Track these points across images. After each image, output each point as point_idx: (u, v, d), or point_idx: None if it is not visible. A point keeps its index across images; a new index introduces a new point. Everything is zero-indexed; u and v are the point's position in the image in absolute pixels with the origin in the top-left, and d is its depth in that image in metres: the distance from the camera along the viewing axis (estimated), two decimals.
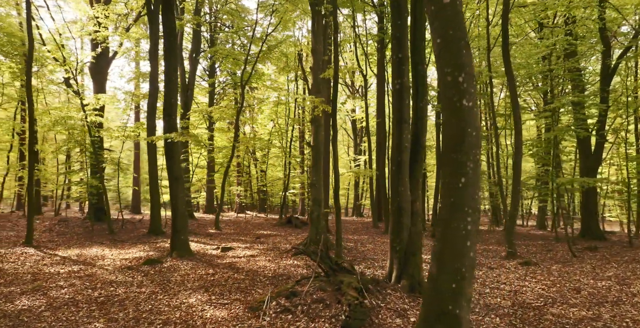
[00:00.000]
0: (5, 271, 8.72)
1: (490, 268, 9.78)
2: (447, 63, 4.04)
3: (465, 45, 4.03)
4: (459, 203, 3.92)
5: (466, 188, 3.92)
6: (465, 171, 3.92)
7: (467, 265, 3.87)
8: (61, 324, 5.52)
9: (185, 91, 22.23)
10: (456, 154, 3.96)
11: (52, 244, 12.73)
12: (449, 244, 3.92)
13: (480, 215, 4.09)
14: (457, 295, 3.83)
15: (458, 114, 3.97)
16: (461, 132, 3.96)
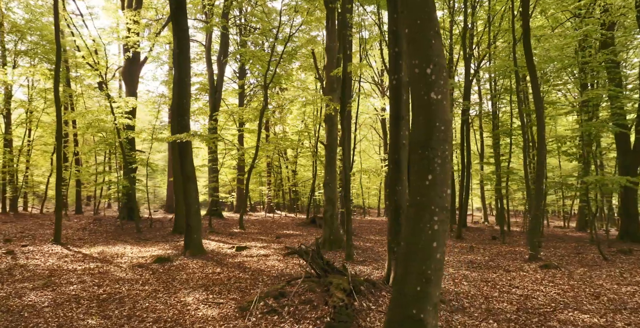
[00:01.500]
0: (26, 267, 9.14)
1: (507, 270, 9.32)
2: (414, 54, 3.83)
3: (434, 35, 3.81)
4: (425, 202, 3.70)
5: (433, 186, 3.70)
6: (433, 168, 3.70)
7: (434, 268, 3.64)
8: (57, 320, 5.69)
9: (213, 93, 22.67)
10: (423, 149, 3.74)
11: (80, 242, 13.26)
12: (415, 245, 3.71)
13: (449, 215, 3.85)
14: (421, 299, 3.62)
15: (426, 108, 3.76)
16: (429, 127, 3.74)
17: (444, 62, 3.84)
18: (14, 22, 24.76)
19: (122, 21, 18.89)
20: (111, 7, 24.97)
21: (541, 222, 10.79)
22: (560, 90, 20.81)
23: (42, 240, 13.23)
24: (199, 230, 10.71)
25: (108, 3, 25.72)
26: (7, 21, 24.59)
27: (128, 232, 15.84)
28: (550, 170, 26.54)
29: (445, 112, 3.76)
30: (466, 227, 20.45)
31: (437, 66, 3.77)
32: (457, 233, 16.13)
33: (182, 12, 10.60)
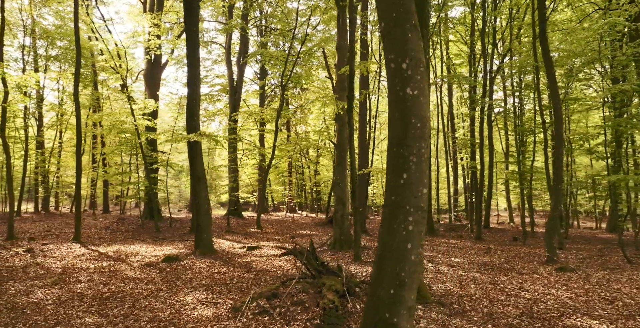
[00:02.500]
0: (41, 265, 9.42)
1: (520, 273, 8.98)
2: (390, 49, 3.69)
3: (411, 28, 3.66)
4: (399, 201, 3.56)
5: (408, 185, 3.55)
6: (408, 166, 3.55)
7: (408, 270, 3.50)
8: (56, 318, 5.81)
9: (233, 94, 22.88)
10: (398, 147, 3.61)
11: (99, 241, 13.61)
12: (388, 246, 3.57)
13: (425, 215, 3.69)
14: (395, 303, 3.48)
15: (401, 104, 3.62)
16: (404, 124, 3.60)
17: (422, 56, 3.68)
18: (45, 28, 25.64)
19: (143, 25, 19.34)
20: (134, 11, 25.57)
21: (559, 223, 10.34)
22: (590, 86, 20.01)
23: (64, 238, 13.64)
24: (209, 229, 10.80)
25: (132, 8, 26.38)
26: (39, 27, 25.49)
27: (148, 231, 16.16)
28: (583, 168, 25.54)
29: (422, 109, 3.61)
30: (489, 227, 19.94)
31: (414, 61, 3.62)
32: (477, 234, 15.72)
33: (191, 15, 10.71)
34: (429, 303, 6.14)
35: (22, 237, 13.75)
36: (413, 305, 3.58)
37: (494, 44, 19.79)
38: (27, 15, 25.05)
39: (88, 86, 27.02)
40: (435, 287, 7.51)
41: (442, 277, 8.46)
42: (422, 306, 6.04)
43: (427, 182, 3.68)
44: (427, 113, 3.66)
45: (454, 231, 18.27)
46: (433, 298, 6.52)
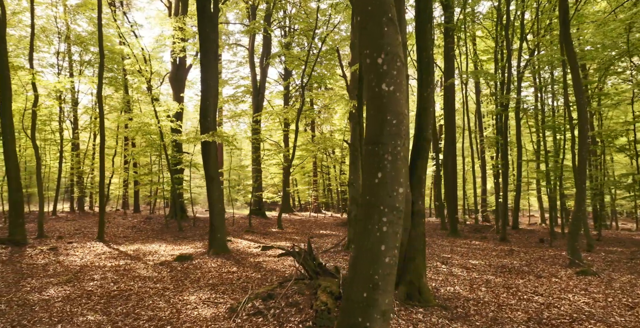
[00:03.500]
0: (61, 263, 9.75)
1: (538, 276, 8.60)
2: (366, 43, 3.57)
3: (387, 22, 3.52)
4: (374, 201, 3.43)
5: (383, 184, 3.42)
6: (383, 165, 3.42)
7: (381, 273, 3.36)
8: (60, 315, 5.96)
9: (256, 95, 23.09)
10: (373, 145, 3.48)
11: (122, 240, 13.98)
12: (362, 248, 3.45)
13: (402, 216, 3.53)
14: (368, 306, 3.35)
15: (377, 100, 3.49)
16: (380, 121, 3.47)
17: (399, 50, 3.54)
18: (79, 34, 26.59)
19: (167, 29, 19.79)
20: (160, 16, 26.20)
21: (580, 225, 9.84)
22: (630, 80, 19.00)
23: (90, 237, 14.08)
24: (223, 229, 10.89)
25: (159, 13, 27.05)
26: (73, 34, 26.47)
27: (171, 231, 16.49)
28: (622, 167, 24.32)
29: (398, 105, 3.47)
30: (517, 229, 19.31)
31: (390, 55, 3.48)
32: (502, 235, 15.21)
33: (203, 16, 10.83)
34: (430, 306, 5.94)
35: (52, 235, 14.29)
36: (388, 309, 3.44)
37: (522, 39, 19.13)
38: (62, 23, 26.10)
39: (119, 89, 27.90)
40: (443, 289, 7.28)
41: (454, 279, 8.20)
42: (423, 309, 5.86)
43: (405, 181, 3.53)
44: (405, 109, 3.52)
45: (479, 232, 17.76)
46: (437, 301, 6.32)
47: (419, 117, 6.57)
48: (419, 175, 6.42)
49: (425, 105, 6.54)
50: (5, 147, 12.23)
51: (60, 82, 16.05)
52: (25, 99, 16.15)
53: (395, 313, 5.60)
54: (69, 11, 26.33)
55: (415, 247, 6.21)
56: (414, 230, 6.27)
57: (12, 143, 12.33)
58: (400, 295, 6.08)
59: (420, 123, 6.56)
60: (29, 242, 12.26)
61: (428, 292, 6.17)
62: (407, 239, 6.27)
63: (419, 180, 6.42)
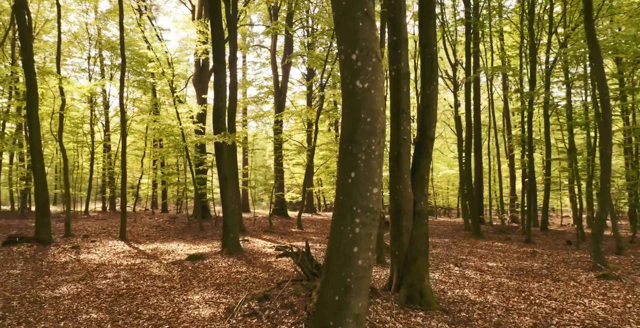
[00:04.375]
0: (80, 261, 10.05)
1: (555, 280, 8.23)
2: (341, 39, 3.47)
3: (362, 17, 3.41)
4: (346, 202, 3.33)
5: (356, 184, 3.31)
6: (356, 164, 3.32)
7: (354, 275, 3.25)
8: (65, 313, 6.11)
9: (278, 95, 23.20)
10: (347, 144, 3.38)
11: (143, 239, 14.30)
12: (335, 249, 3.35)
13: (376, 216, 3.41)
14: (340, 310, 3.25)
15: (351, 97, 3.39)
16: (354, 119, 3.36)
17: (374, 46, 3.42)
18: (109, 39, 27.43)
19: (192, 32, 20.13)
20: (185, 19, 26.70)
21: (604, 226, 9.33)
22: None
23: (113, 236, 14.47)
24: (236, 229, 10.97)
25: (184, 17, 27.62)
26: (104, 39, 27.33)
27: (193, 230, 16.77)
28: None
29: (373, 102, 3.35)
30: (546, 230, 18.61)
31: (364, 51, 3.38)
32: (527, 237, 14.69)
33: (215, 17, 10.92)
34: (432, 310, 5.76)
35: (78, 234, 14.76)
36: (361, 313, 3.33)
37: (551, 33, 18.44)
38: (93, 29, 27.00)
39: (148, 92, 28.62)
40: (451, 292, 7.06)
41: (465, 282, 7.94)
42: (424, 313, 5.69)
43: (379, 181, 3.41)
44: (380, 107, 3.39)
45: (504, 233, 17.22)
46: (441, 305, 6.12)
47: (422, 115, 6.40)
48: (421, 174, 6.25)
49: (429, 103, 6.36)
50: (32, 150, 12.72)
51: (81, 87, 16.55)
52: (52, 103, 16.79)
53: (394, 317, 5.46)
54: (99, 18, 27.19)
55: (417, 248, 6.04)
56: (416, 231, 6.10)
57: (39, 146, 12.81)
58: (400, 297, 5.92)
59: (423, 121, 6.39)
60: (54, 240, 12.71)
61: (430, 295, 5.99)
62: (408, 240, 6.11)
63: (421, 179, 6.24)
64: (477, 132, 21.68)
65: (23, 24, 12.52)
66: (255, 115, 25.55)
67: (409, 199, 6.14)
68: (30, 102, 12.53)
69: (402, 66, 6.22)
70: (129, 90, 30.44)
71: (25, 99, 12.45)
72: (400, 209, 6.13)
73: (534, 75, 14.65)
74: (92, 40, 27.31)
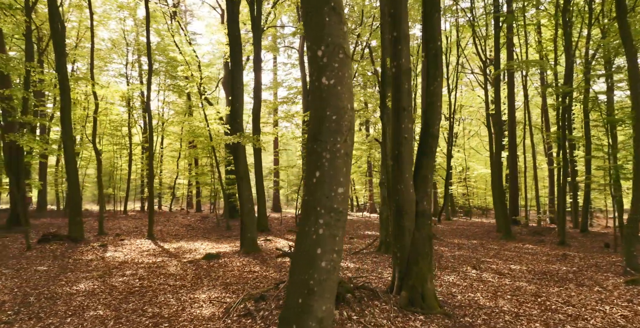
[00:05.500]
0: (104, 259, 10.42)
1: (579, 284, 7.76)
2: (308, 34, 3.38)
3: (329, 12, 3.31)
4: (311, 202, 3.23)
5: (320, 184, 3.21)
6: (321, 163, 3.22)
7: (317, 278, 3.15)
8: (75, 309, 6.31)
9: (306, 96, 23.26)
10: (312, 142, 3.28)
11: (170, 237, 14.68)
12: (299, 251, 3.26)
13: (342, 217, 3.28)
14: (303, 313, 3.15)
15: (317, 94, 3.30)
16: (320, 117, 3.27)
17: (341, 41, 3.31)
18: (143, 43, 28.39)
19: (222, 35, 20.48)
20: (216, 23, 27.23)
21: (637, 228, 8.71)
22: None
23: (143, 235, 14.94)
24: (253, 228, 11.04)
25: (216, 20, 28.16)
26: (142, 45, 28.33)
27: (220, 229, 17.08)
28: None
29: (339, 99, 3.24)
30: (586, 231, 17.66)
31: (331, 47, 3.28)
32: (561, 238, 13.98)
33: (233, 21, 11.05)
34: (433, 314, 5.56)
35: (111, 233, 15.35)
36: (325, 316, 3.22)
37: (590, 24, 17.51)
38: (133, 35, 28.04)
39: (182, 95, 29.43)
40: (461, 296, 6.79)
41: (480, 285, 7.63)
42: (424, 317, 5.49)
43: (345, 180, 3.29)
44: (347, 104, 3.27)
45: (538, 235, 16.48)
46: (445, 309, 5.90)
47: (426, 113, 6.19)
48: (424, 173, 6.04)
49: (432, 100, 6.14)
50: (65, 152, 13.33)
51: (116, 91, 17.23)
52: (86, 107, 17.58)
53: (390, 320, 5.30)
54: (137, 24, 28.18)
55: (419, 250, 5.84)
56: (418, 232, 5.90)
57: (72, 148, 13.40)
58: (401, 300, 5.75)
59: (426, 118, 6.17)
60: (85, 238, 13.27)
61: (432, 298, 5.77)
62: (410, 241, 5.93)
63: (424, 179, 6.03)
64: (511, 130, 20.89)
65: (56, 32, 13.14)
66: (284, 115, 25.73)
67: (410, 199, 5.96)
68: (63, 106, 13.14)
69: (403, 63, 6.04)
70: (165, 93, 31.49)
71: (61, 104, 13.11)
72: (402, 209, 5.95)
73: (570, 69, 13.91)
74: (129, 46, 28.35)
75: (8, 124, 15.29)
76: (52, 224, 17.58)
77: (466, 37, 24.59)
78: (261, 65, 16.99)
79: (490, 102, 19.71)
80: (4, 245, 12.07)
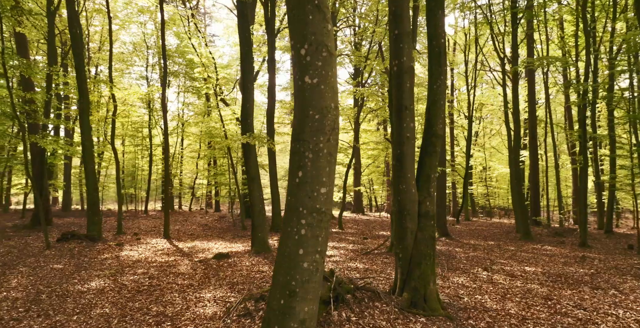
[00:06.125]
0: (119, 258, 10.62)
1: (594, 287, 7.51)
2: (292, 34, 3.35)
3: (312, 9, 3.27)
4: (293, 202, 3.20)
5: (303, 184, 3.17)
6: (303, 163, 3.18)
7: (299, 279, 3.11)
8: (83, 307, 6.44)
9: None
10: (295, 142, 3.25)
11: (185, 237, 14.87)
12: (282, 252, 3.23)
13: (324, 218, 3.22)
14: (285, 314, 3.11)
15: (300, 94, 3.26)
16: (302, 116, 3.23)
17: (325, 40, 3.27)
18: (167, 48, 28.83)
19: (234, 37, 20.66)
20: (232, 25, 27.51)
21: None
22: None
23: (160, 234, 15.18)
24: (264, 228, 11.08)
25: (231, 22, 28.48)
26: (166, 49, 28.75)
27: (236, 229, 17.21)
28: None
29: (322, 98, 3.20)
30: (611, 232, 17.11)
31: (314, 45, 3.24)
32: (582, 240, 13.57)
33: (244, 21, 11.11)
34: (435, 316, 5.45)
35: (130, 232, 15.65)
36: (307, 318, 3.17)
37: (615, 18, 17.00)
38: (153, 39, 28.54)
39: (201, 97, 29.82)
40: (468, 298, 6.64)
41: (489, 287, 7.45)
42: (425, 319, 5.39)
43: (329, 180, 3.24)
44: (331, 103, 3.22)
45: (559, 236, 16.04)
46: (450, 311, 5.78)
47: (429, 111, 6.09)
48: (427, 173, 5.94)
49: (436, 98, 6.03)
50: (84, 153, 13.65)
51: (134, 93, 17.56)
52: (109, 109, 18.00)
53: (390, 322, 5.22)
54: (157, 28, 28.67)
55: (421, 251, 5.74)
56: (421, 233, 5.80)
57: (90, 149, 13.72)
58: (403, 302, 5.66)
59: (429, 117, 6.07)
60: (103, 238, 13.56)
61: (435, 300, 5.67)
62: (412, 243, 5.83)
63: (427, 178, 5.93)
64: (531, 128, 20.41)
65: (75, 37, 13.47)
66: None
67: (412, 200, 5.87)
68: (81, 108, 13.48)
69: (405, 60, 5.95)
70: (185, 95, 31.97)
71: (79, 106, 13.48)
72: (404, 210, 5.87)
73: (590, 65, 13.49)
74: (150, 49, 28.88)
75: (31, 125, 15.78)
76: (74, 223, 18.03)
77: (485, 34, 24.15)
78: (275, 66, 17.03)
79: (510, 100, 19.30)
80: (26, 244, 12.44)
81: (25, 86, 16.01)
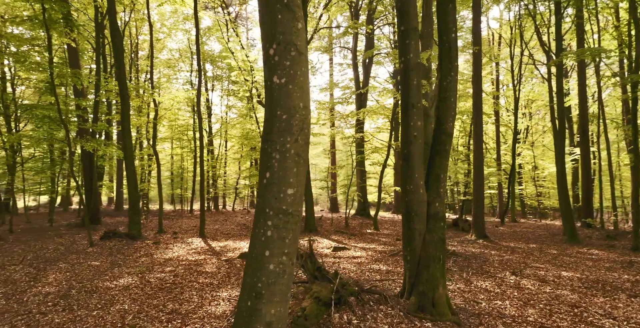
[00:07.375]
0: (152, 256, 11.04)
1: (632, 296, 6.92)
2: (262, 34, 3.33)
3: (281, 9, 3.22)
4: (261, 203, 3.16)
5: (270, 185, 3.12)
6: (271, 164, 3.13)
7: (265, 281, 3.06)
8: (105, 302, 6.76)
9: (359, 95, 23.08)
10: (263, 143, 3.21)
11: (220, 236, 15.23)
12: (250, 254, 3.20)
13: (292, 219, 3.14)
14: (251, 317, 3.07)
15: (269, 94, 3.22)
16: (271, 117, 3.19)
17: (294, 39, 3.22)
18: (208, 53, 29.79)
19: None
20: None
21: None
22: None
23: (197, 234, 15.65)
24: None
25: None
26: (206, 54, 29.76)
27: None
28: None
29: (290, 98, 3.15)
30: None
31: (282, 45, 3.20)
32: (634, 244, 12.58)
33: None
34: (442, 321, 5.24)
35: (170, 231, 16.24)
36: (275, 321, 3.12)
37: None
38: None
39: (243, 99, 30.51)
40: (485, 303, 6.33)
41: (513, 293, 7.06)
42: (432, 324, 5.19)
43: (297, 181, 3.17)
44: (300, 102, 3.16)
45: (610, 239, 14.95)
46: (461, 316, 5.54)
47: (438, 109, 5.86)
48: (437, 173, 5.72)
49: (446, 95, 5.80)
50: (125, 156, 14.33)
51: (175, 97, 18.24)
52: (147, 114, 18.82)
53: (393, 326, 5.07)
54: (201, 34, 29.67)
55: (429, 253, 5.54)
56: (429, 235, 5.60)
57: (131, 151, 14.38)
58: (410, 306, 5.48)
59: (439, 115, 5.84)
60: (143, 236, 14.16)
61: (443, 305, 5.44)
62: (420, 245, 5.64)
63: (437, 178, 5.71)
64: (582, 124, 19.20)
65: (116, 47, 14.17)
66: (341, 116, 25.67)
67: (421, 200, 5.67)
68: (123, 113, 14.15)
69: (412, 57, 5.77)
70: (229, 98, 32.83)
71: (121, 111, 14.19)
72: (411, 211, 5.68)
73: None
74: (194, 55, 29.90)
75: (80, 130, 16.78)
76: (123, 222, 18.95)
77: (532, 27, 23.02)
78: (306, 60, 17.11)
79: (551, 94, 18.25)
80: (73, 241, 13.23)
81: (76, 94, 17.06)
